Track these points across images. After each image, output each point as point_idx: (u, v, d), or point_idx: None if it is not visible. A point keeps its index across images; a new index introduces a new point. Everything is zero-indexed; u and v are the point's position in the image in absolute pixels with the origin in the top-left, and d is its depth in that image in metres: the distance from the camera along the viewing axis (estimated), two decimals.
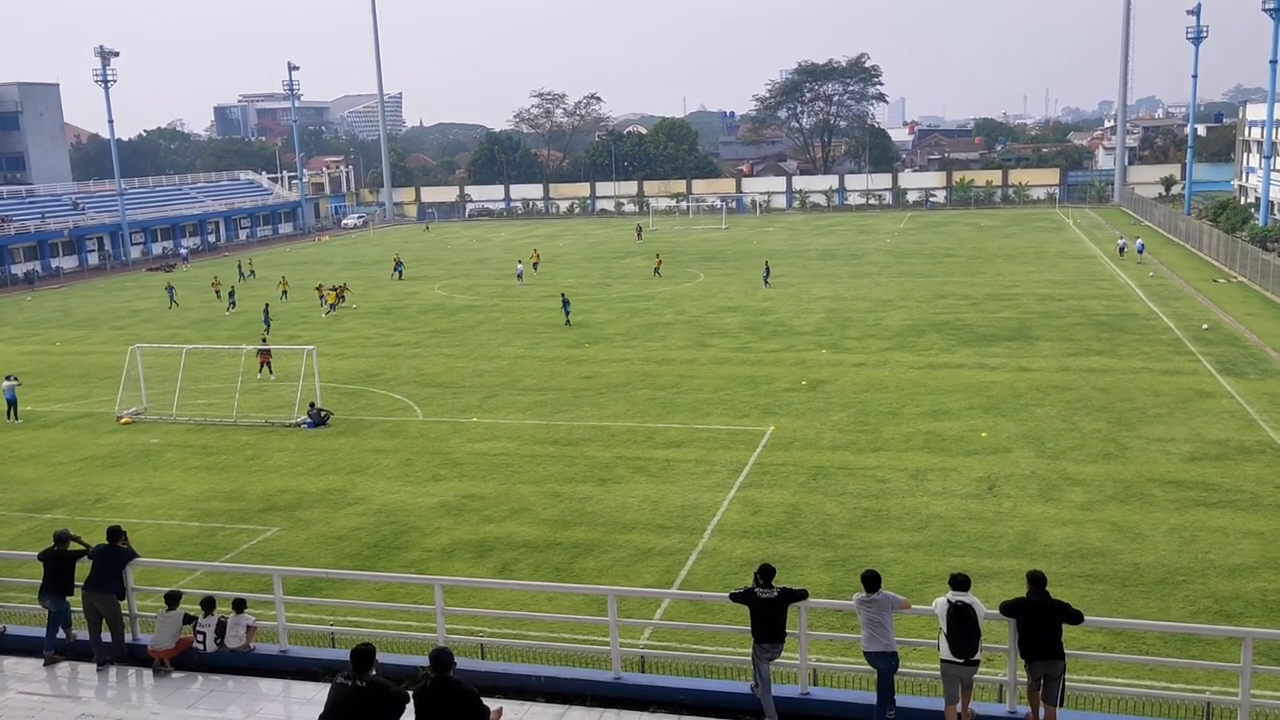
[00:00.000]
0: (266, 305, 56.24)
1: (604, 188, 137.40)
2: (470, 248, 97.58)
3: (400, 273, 74.71)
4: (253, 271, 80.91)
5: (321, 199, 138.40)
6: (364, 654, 10.10)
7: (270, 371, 42.29)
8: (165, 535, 25.52)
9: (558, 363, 43.88)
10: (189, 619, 13.83)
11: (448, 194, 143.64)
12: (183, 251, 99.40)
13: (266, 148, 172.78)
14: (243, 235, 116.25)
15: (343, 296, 61.70)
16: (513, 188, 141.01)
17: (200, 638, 13.74)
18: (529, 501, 27.02)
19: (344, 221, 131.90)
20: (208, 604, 13.96)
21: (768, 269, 65.20)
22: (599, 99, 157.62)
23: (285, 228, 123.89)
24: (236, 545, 24.84)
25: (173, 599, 13.84)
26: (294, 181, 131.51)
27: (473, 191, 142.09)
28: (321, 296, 61.30)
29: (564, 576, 22.14)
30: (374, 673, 10.03)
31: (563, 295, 55.28)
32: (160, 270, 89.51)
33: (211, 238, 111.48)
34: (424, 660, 10.48)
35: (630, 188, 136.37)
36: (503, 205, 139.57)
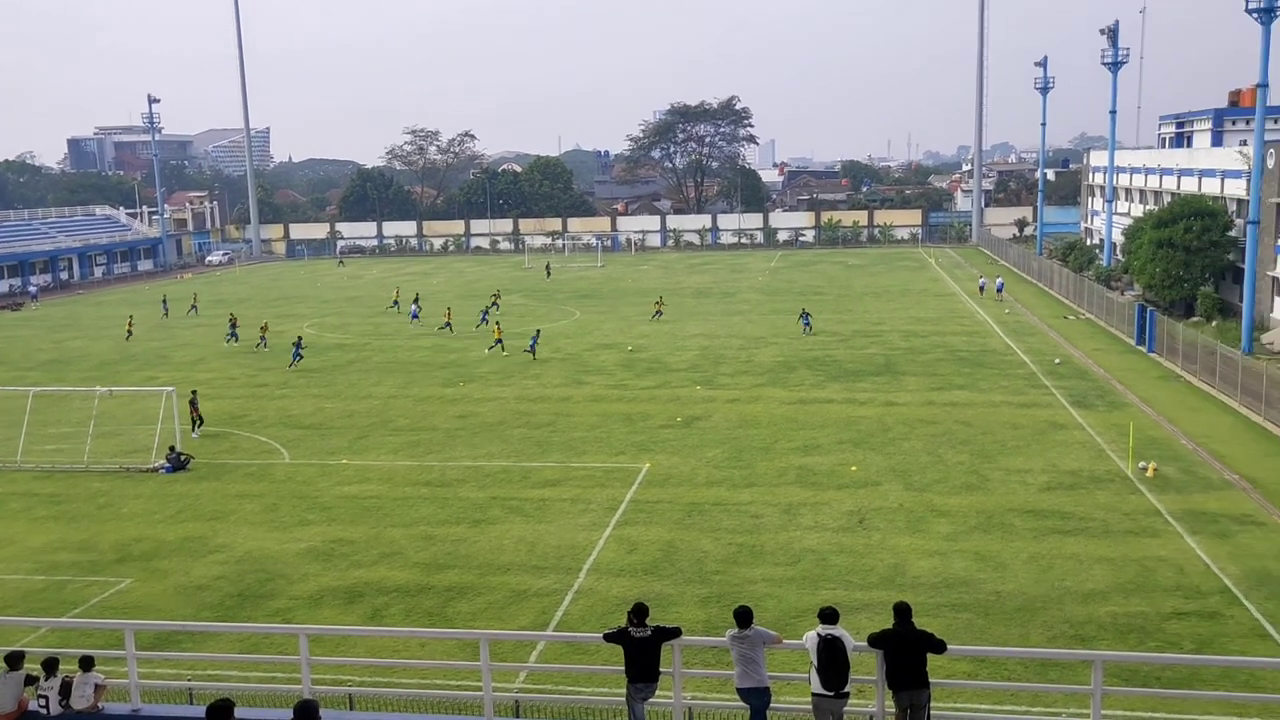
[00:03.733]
0: (299, 339, 53.75)
1: (479, 225, 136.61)
2: (341, 285, 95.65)
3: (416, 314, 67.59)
4: (194, 307, 75.47)
5: (184, 235, 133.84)
6: (221, 709, 9.68)
7: (198, 425, 38.69)
8: (7, 590, 24.02)
9: (431, 402, 43.21)
10: (31, 680, 12.99)
11: (318, 231, 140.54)
12: (31, 289, 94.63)
13: (125, 182, 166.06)
14: (98, 273, 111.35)
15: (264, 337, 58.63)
16: (385, 225, 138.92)
17: (43, 701, 12.91)
18: (400, 545, 26.42)
19: (208, 258, 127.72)
20: (50, 665, 13.13)
21: (806, 315, 58.56)
22: (473, 136, 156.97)
23: (145, 265, 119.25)
24: (87, 599, 23.54)
25: (14, 660, 13.00)
26: (154, 217, 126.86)
27: (344, 229, 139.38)
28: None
29: (437, 621, 21.68)
30: None
31: (537, 331, 54.75)
32: (7, 309, 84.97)
33: (64, 275, 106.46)
34: (288, 713, 10.09)
35: (505, 225, 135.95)
36: (375, 242, 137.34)
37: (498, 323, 58.71)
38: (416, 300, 70.38)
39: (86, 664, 13.30)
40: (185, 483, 32.71)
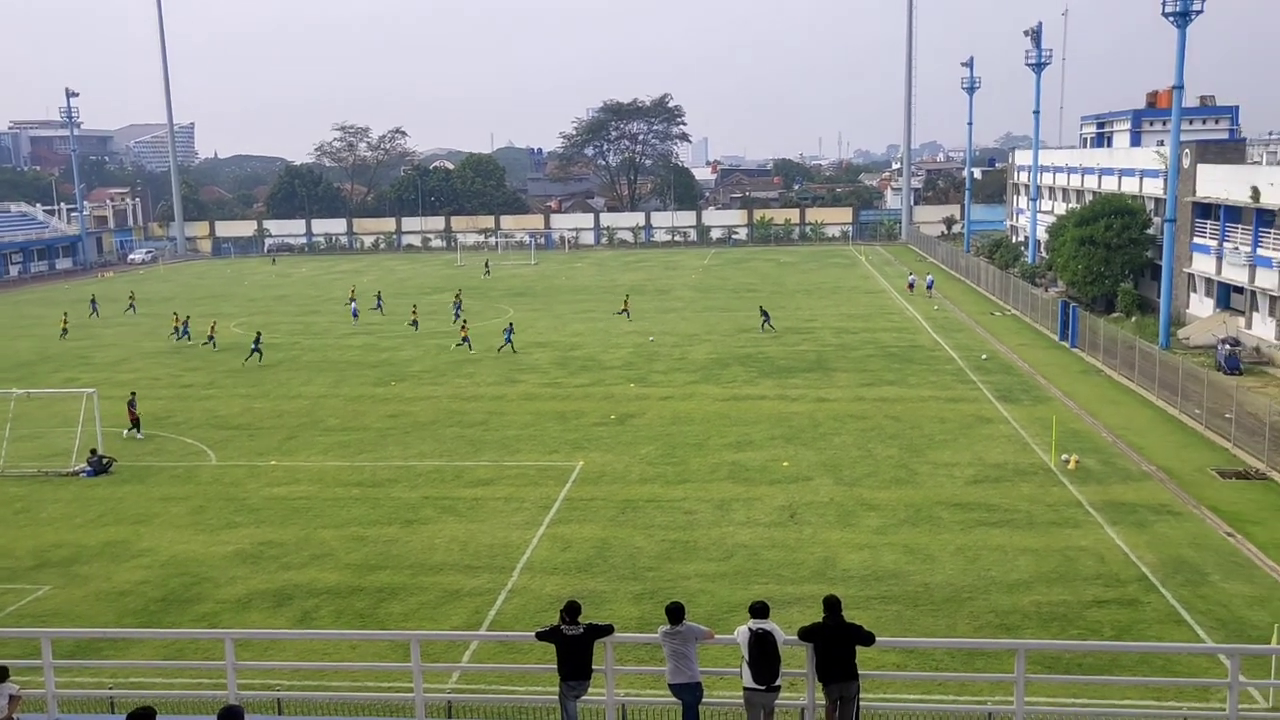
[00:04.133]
0: (258, 335, 53.96)
1: (410, 223, 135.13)
2: (269, 284, 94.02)
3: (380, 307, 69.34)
4: (132, 305, 74.22)
5: (105, 233, 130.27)
6: (142, 717, 9.45)
7: (137, 430, 37.91)
8: None
9: (362, 401, 42.68)
10: None
11: (245, 228, 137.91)
12: None
13: (42, 178, 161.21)
14: (14, 271, 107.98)
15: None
16: (314, 222, 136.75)
17: None
18: (331, 546, 26.07)
19: (130, 257, 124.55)
20: None
21: (765, 314, 58.91)
22: (404, 133, 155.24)
23: (64, 263, 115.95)
24: (2, 607, 22.84)
25: None
26: (73, 214, 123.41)
27: (272, 226, 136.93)
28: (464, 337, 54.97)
29: (369, 623, 21.44)
30: None
31: (509, 325, 55.44)
32: None
33: None
34: None
35: (437, 223, 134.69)
36: (304, 240, 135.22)
37: (464, 321, 58.53)
38: (379, 297, 71.46)
39: (0, 675, 12.91)
40: (107, 486, 31.90)
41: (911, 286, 74.53)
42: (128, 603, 22.94)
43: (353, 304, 67.99)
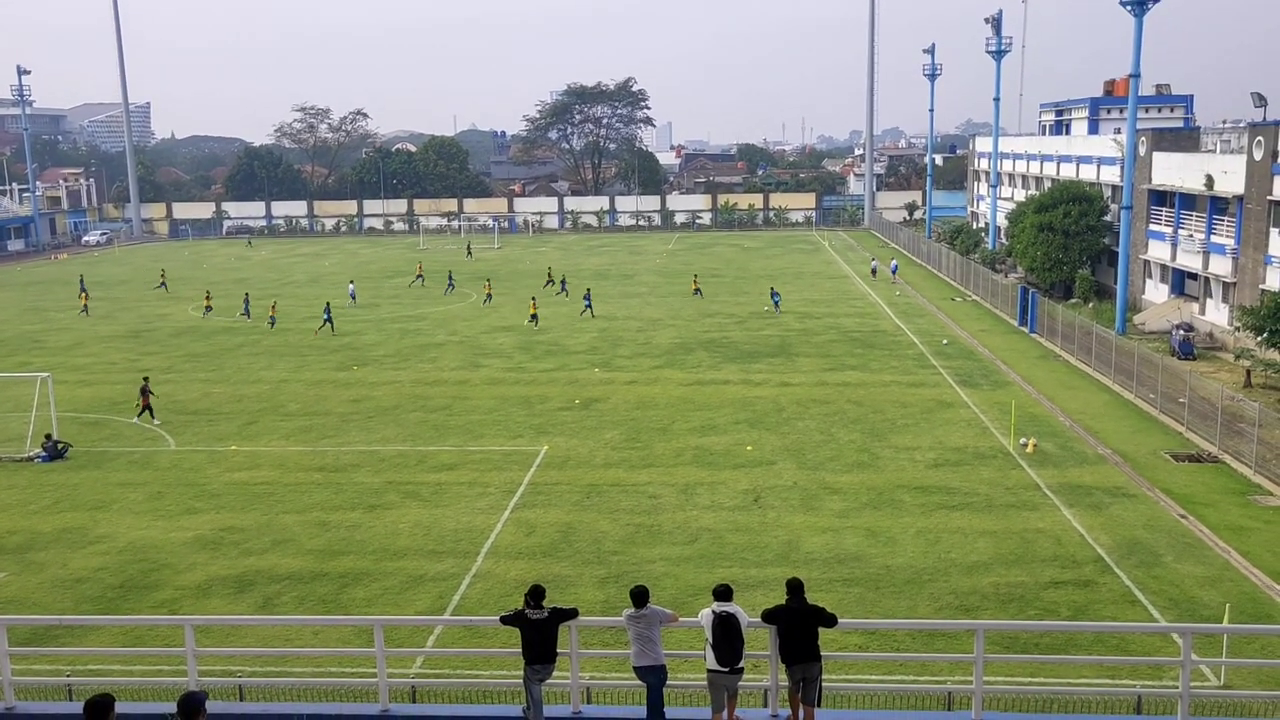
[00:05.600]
0: (328, 305, 55.34)
1: (372, 206, 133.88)
2: (228, 266, 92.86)
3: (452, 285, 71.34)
4: (163, 283, 74.60)
5: (59, 214, 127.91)
6: (100, 705, 9.35)
7: (151, 414, 36.95)
8: None
9: (324, 386, 42.35)
10: None
11: (203, 210, 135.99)
12: None
13: None
14: None
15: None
16: (274, 204, 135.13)
17: None
18: (293, 532, 25.90)
19: (85, 239, 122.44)
20: None
21: (775, 294, 60.31)
22: (365, 115, 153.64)
23: (15, 245, 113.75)
24: None
25: None
26: (25, 195, 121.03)
27: (230, 208, 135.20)
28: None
29: (332, 608, 21.35)
30: None
31: (587, 291, 60.74)
32: None
33: None
34: (173, 706, 9.83)
35: (399, 206, 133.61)
36: (264, 223, 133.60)
37: (534, 298, 60.46)
38: (450, 276, 73.19)
39: None
40: (63, 472, 31.46)
41: (874, 272, 75.02)
42: (85, 589, 22.67)
43: (351, 285, 69.14)
